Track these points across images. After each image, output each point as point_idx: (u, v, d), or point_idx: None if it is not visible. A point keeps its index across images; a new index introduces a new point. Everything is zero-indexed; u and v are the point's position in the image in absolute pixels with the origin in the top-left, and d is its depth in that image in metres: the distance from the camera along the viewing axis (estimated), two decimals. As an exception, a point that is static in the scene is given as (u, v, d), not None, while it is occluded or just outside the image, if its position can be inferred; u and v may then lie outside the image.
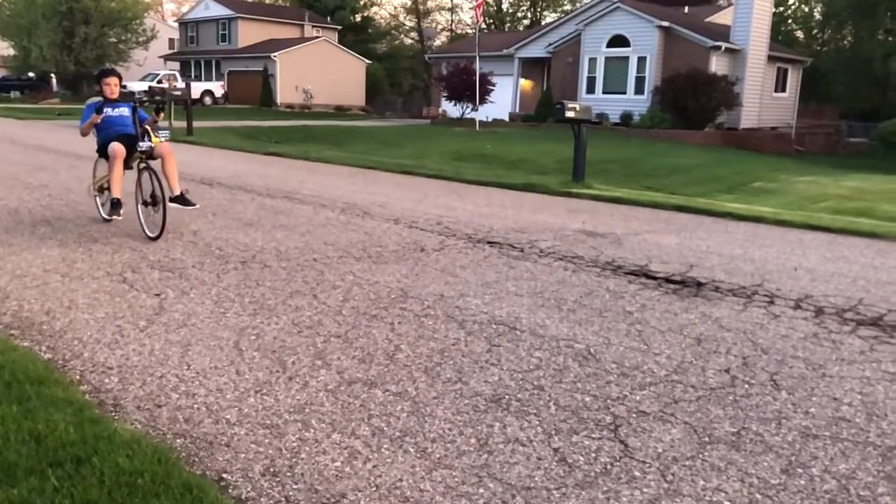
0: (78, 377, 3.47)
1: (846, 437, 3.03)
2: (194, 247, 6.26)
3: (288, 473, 2.65)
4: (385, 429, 3.01)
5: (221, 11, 47.19)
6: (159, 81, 37.84)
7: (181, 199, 6.70)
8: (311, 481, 2.60)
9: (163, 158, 6.60)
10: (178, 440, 2.87)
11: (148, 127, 6.74)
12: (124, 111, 6.87)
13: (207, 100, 40.52)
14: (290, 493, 2.52)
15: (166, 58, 50.72)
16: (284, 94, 43.22)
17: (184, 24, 51.34)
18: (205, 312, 4.48)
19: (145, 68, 44.22)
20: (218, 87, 42.66)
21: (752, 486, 2.65)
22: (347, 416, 3.12)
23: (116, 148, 6.53)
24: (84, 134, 6.87)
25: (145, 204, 6.58)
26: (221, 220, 7.54)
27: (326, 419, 3.09)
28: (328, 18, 51.57)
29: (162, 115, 6.87)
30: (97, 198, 7.39)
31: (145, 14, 47.35)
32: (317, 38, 47.11)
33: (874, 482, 2.69)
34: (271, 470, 2.67)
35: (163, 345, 3.91)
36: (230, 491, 2.53)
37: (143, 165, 6.61)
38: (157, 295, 4.82)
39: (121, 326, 4.18)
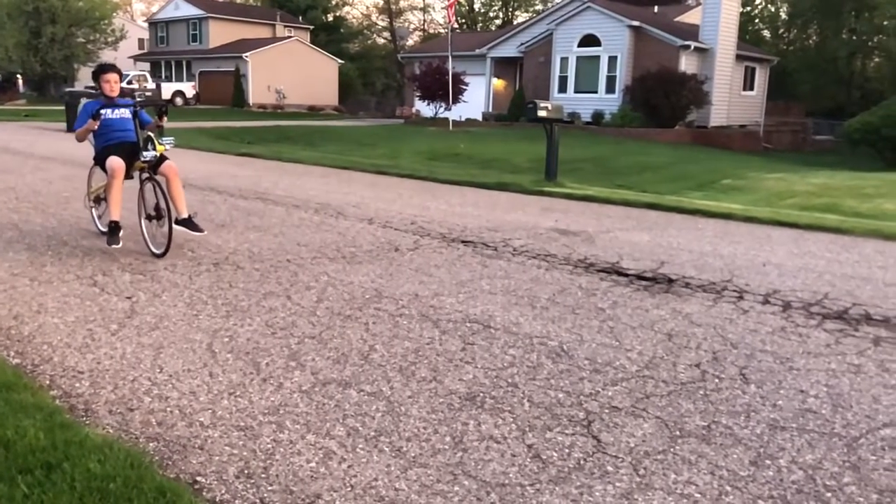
0: (48, 382, 3.43)
1: (812, 429, 3.10)
2: (166, 249, 6.19)
3: (262, 475, 2.64)
4: (360, 429, 3.02)
5: (192, 11, 46.70)
6: (129, 82, 37.35)
7: (189, 223, 6.04)
8: (285, 482, 2.60)
9: (168, 179, 5.96)
10: (151, 444, 2.85)
11: (150, 133, 6.05)
12: (125, 113, 6.10)
13: (178, 100, 40.11)
14: (265, 495, 2.52)
15: (136, 58, 50.05)
16: (257, 94, 42.90)
17: (153, 24, 50.72)
18: (177, 315, 4.45)
19: (114, 69, 43.52)
20: (189, 88, 42.23)
21: (721, 478, 2.70)
22: (322, 416, 3.12)
23: (115, 165, 5.82)
24: (80, 139, 6.18)
25: (149, 218, 5.98)
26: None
27: (301, 420, 3.08)
28: (300, 18, 51.27)
29: (166, 118, 6.18)
30: (93, 209, 6.75)
31: (114, 14, 46.77)
32: (289, 37, 46.83)
33: (840, 472, 2.75)
34: (246, 472, 2.66)
35: (135, 348, 3.88)
36: (204, 494, 2.52)
37: (145, 176, 6.00)
38: (129, 298, 4.77)
39: (92, 330, 4.14)
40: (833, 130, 32.44)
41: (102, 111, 5.93)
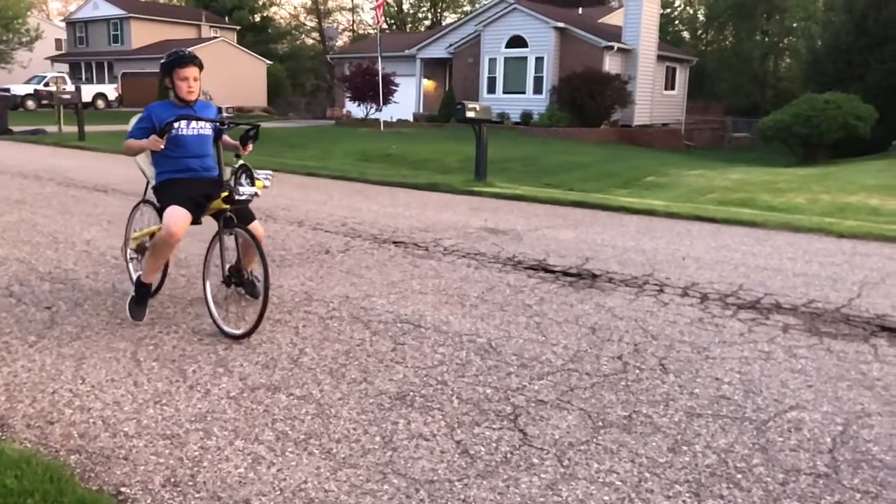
0: (-40, 398, 3.30)
1: (726, 414, 3.26)
2: (88, 256, 6.02)
3: (189, 483, 2.62)
4: (289, 432, 3.02)
5: (112, 11, 45.15)
6: (46, 84, 35.93)
7: (251, 287, 4.56)
8: (213, 489, 2.58)
9: (255, 238, 4.14)
10: (72, 457, 2.79)
11: (244, 161, 4.19)
12: (205, 129, 4.36)
13: (100, 103, 38.78)
14: (192, 503, 2.50)
15: (53, 59, 48.08)
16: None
17: (71, 23, 48.80)
18: (100, 324, 4.33)
19: (30, 70, 41.80)
20: (111, 90, 40.85)
21: (641, 465, 2.82)
22: (251, 422, 3.11)
23: (177, 223, 4.06)
24: (131, 153, 4.39)
25: (226, 282, 4.34)
26: (117, 227, 7.25)
27: (229, 426, 3.06)
28: (226, 19, 50.22)
29: (251, 146, 4.35)
30: (134, 261, 4.98)
31: (28, 13, 44.68)
32: (215, 38, 45.79)
33: (750, 454, 2.91)
34: (172, 480, 2.63)
35: (55, 359, 3.76)
36: (129, 505, 2.48)
37: (228, 224, 4.17)
38: (48, 308, 4.62)
39: (8, 342, 3.99)
40: (750, 128, 33.78)
41: (175, 125, 4.20)
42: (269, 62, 47.54)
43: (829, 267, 6.00)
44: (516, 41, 28.08)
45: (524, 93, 28.08)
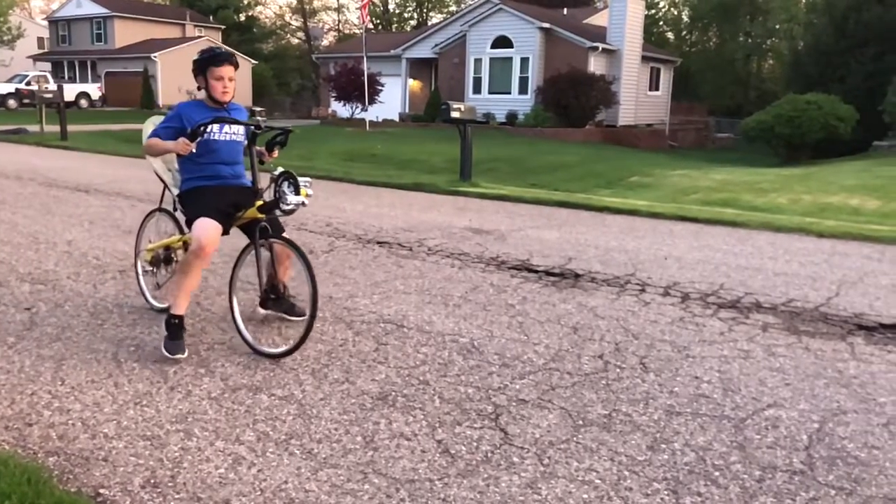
0: (-63, 400, 3.27)
1: (705, 413, 3.29)
2: (69, 257, 5.98)
3: (169, 484, 2.61)
4: (270, 433, 3.02)
5: (95, 10, 44.77)
6: (28, 83, 35.57)
7: (289, 303, 4.28)
8: (193, 490, 2.58)
9: (299, 249, 3.83)
10: (50, 458, 2.77)
11: (280, 168, 3.82)
12: (237, 134, 4.03)
13: (84, 102, 38.41)
14: (172, 504, 2.50)
15: (36, 58, 47.61)
16: (167, 95, 41.52)
17: (54, 22, 48.35)
18: (80, 325, 4.31)
19: (12, 69, 41.39)
20: (95, 89, 40.49)
21: (620, 463, 2.84)
22: (232, 422, 3.11)
23: (208, 237, 3.73)
24: (153, 154, 4.11)
25: (265, 299, 4.19)
26: (99, 228, 7.22)
27: (210, 427, 3.06)
28: (211, 18, 49.95)
29: (277, 151, 4.11)
30: (148, 274, 4.63)
31: (10, 11, 44.24)
32: (199, 37, 45.50)
33: (728, 452, 2.94)
34: (152, 481, 2.63)
35: (34, 361, 3.74)
36: (108, 506, 2.47)
37: (262, 234, 3.88)
38: (28, 309, 4.59)
39: (-14, 344, 3.96)
40: (733, 128, 34.10)
41: (207, 128, 3.87)
42: (254, 62, 47.29)
43: (809, 266, 6.07)
44: (502, 41, 28.15)
45: (510, 93, 28.16)
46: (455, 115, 10.91)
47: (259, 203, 3.86)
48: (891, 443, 3.02)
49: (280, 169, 3.80)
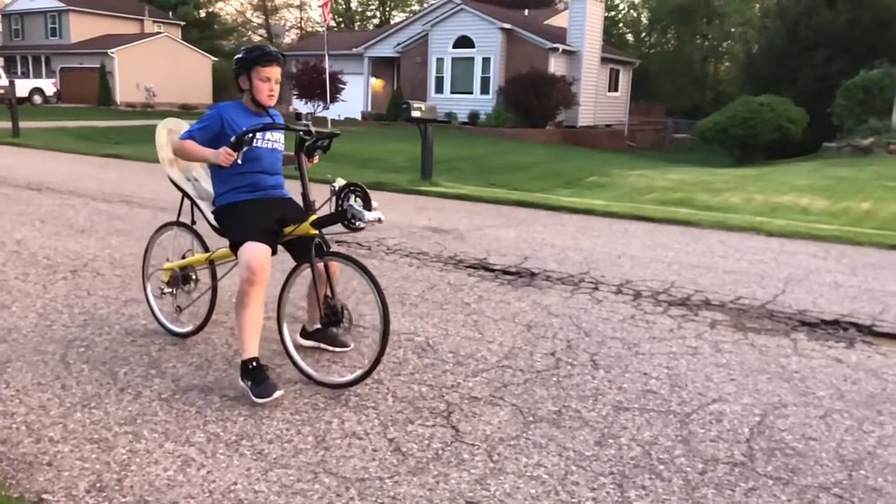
0: None
1: (652, 408, 3.37)
2: (18, 257, 5.85)
3: (116, 487, 2.59)
4: (221, 434, 3.01)
5: (49, 3, 43.66)
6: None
7: (346, 326, 3.61)
8: (140, 493, 2.56)
9: (363, 267, 3.51)
10: (-7, 463, 2.73)
11: (337, 179, 3.48)
12: (278, 142, 3.72)
13: (37, 98, 37.44)
14: (119, 506, 2.48)
15: (-15, 52, 46.29)
16: (125, 92, 40.76)
17: (6, 16, 47.03)
18: (28, 327, 4.23)
19: (-40, 64, 40.18)
20: (49, 85, 39.47)
21: (568, 458, 2.90)
22: (182, 423, 3.08)
23: (259, 260, 3.38)
24: (187, 159, 3.67)
25: (327, 325, 3.66)
26: (50, 227, 7.07)
27: (160, 428, 3.03)
28: (170, 14, 49.11)
29: (317, 158, 3.74)
30: (164, 297, 4.16)
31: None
32: (158, 33, 44.75)
33: (672, 446, 3.02)
34: (97, 486, 2.60)
35: (-22, 364, 3.66)
36: (52, 510, 2.44)
37: (320, 250, 3.56)
38: (-28, 311, 4.48)
39: (-72, 348, 3.86)
40: (691, 129, 34.67)
41: (255, 136, 3.48)
42: (214, 59, 46.70)
43: (758, 264, 6.23)
44: (463, 41, 28.23)
45: (471, 93, 28.26)
46: (416, 114, 10.92)
47: (313, 217, 3.50)
48: (827, 434, 3.13)
49: (341, 180, 3.42)
